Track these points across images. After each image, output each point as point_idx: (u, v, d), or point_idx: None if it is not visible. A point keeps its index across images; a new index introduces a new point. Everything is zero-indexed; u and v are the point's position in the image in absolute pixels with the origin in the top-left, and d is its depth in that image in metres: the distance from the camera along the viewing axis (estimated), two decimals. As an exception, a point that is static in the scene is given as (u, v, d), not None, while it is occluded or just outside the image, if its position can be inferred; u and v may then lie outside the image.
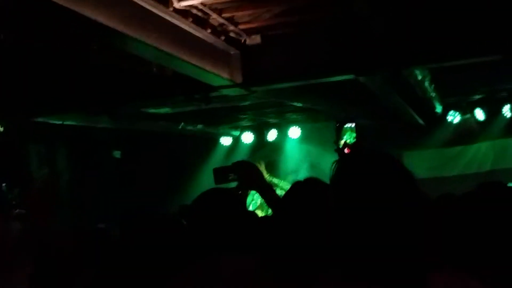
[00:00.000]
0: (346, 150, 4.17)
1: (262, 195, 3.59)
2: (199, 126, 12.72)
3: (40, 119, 9.54)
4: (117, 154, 12.68)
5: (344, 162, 2.09)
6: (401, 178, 2.00)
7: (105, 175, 11.83)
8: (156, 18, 5.86)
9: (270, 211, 3.73)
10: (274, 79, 7.79)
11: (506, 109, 12.52)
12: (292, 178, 11.83)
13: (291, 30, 7.28)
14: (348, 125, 8.64)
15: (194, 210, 3.14)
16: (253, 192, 9.32)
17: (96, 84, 8.34)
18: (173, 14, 6.00)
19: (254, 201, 9.43)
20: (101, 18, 5.03)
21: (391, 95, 8.95)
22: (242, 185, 3.66)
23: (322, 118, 12.53)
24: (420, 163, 12.71)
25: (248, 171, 3.62)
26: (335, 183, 2.04)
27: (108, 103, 9.12)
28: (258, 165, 7.45)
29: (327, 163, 2.24)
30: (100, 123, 10.38)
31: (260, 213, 8.43)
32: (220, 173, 3.66)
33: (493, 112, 12.80)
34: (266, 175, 8.11)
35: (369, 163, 2.04)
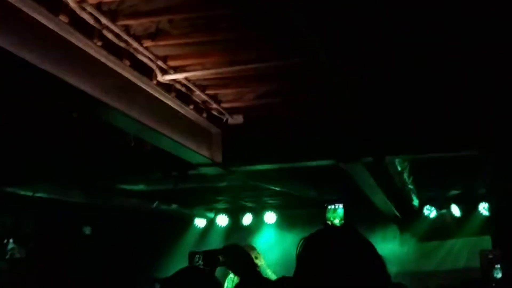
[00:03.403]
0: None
1: (247, 282, 3.52)
2: (174, 206, 12.53)
3: (9, 189, 9.29)
4: (87, 230, 12.41)
5: (311, 240, 2.02)
6: (367, 257, 1.94)
7: (74, 251, 11.53)
8: (139, 90, 5.80)
9: None
10: (254, 160, 7.72)
11: (482, 207, 12.54)
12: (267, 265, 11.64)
13: (274, 112, 7.26)
14: (332, 206, 8.70)
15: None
16: (231, 277, 9.11)
17: (71, 156, 8.18)
18: (157, 87, 5.95)
19: (232, 285, 9.18)
20: (85, 87, 4.95)
21: (371, 184, 8.90)
22: (231, 269, 3.64)
23: (299, 204, 12.42)
24: (395, 257, 12.57)
25: (237, 256, 3.58)
26: (301, 260, 1.98)
27: (82, 176, 8.95)
28: (250, 251, 7.27)
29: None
30: (72, 197, 10.15)
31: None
32: (210, 256, 3.64)
33: (469, 208, 12.83)
34: (259, 262, 7.98)
35: (335, 241, 1.98)
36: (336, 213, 8.46)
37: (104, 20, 4.70)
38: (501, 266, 9.71)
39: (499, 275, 9.89)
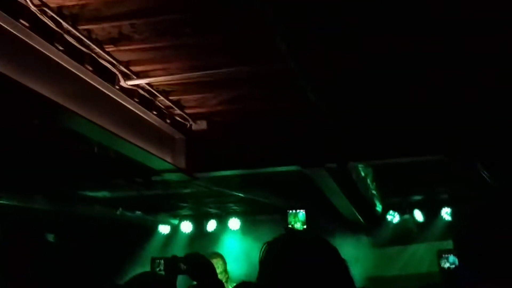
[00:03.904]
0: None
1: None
2: (138, 213, 12.43)
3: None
4: (50, 237, 12.25)
5: (273, 245, 2.02)
6: (331, 260, 1.94)
7: (37, 258, 11.36)
8: (102, 95, 5.74)
9: None
10: (217, 166, 7.70)
11: (444, 212, 12.68)
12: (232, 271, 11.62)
13: (237, 118, 7.26)
14: (294, 211, 8.74)
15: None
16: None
17: (34, 162, 8.06)
18: (119, 93, 5.90)
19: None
20: (46, 92, 4.88)
21: (335, 190, 8.93)
22: (192, 277, 3.61)
23: (263, 210, 12.42)
24: (359, 262, 12.63)
25: (199, 264, 3.55)
26: (264, 264, 1.97)
27: (45, 183, 8.83)
28: (215, 260, 7.24)
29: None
30: (36, 203, 10.00)
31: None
32: (172, 263, 3.61)
33: (432, 214, 12.97)
34: (221, 271, 7.95)
35: (298, 245, 1.97)
36: (297, 218, 8.46)
37: (65, 24, 4.65)
38: (449, 258, 9.95)
39: (446, 265, 10.11)
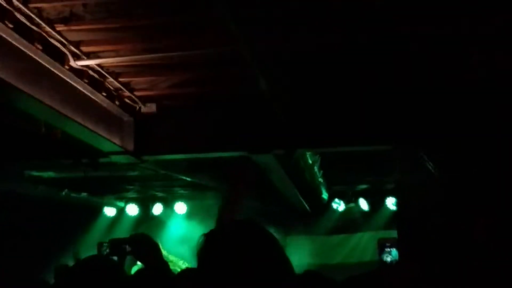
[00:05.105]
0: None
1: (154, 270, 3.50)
2: (83, 194, 12.31)
3: None
4: (-11, 217, 12.02)
5: (210, 236, 2.04)
6: (267, 248, 1.98)
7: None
8: (50, 75, 5.66)
9: None
10: (166, 150, 7.69)
11: (389, 201, 12.86)
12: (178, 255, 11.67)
13: (187, 102, 7.25)
14: None
15: (75, 275, 3.09)
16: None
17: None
18: (69, 73, 5.83)
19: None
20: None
21: (282, 177, 9.00)
22: (137, 258, 3.58)
23: (209, 194, 12.43)
24: (303, 249, 12.78)
25: (144, 245, 3.52)
26: (201, 257, 2.00)
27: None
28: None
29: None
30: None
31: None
32: (116, 245, 3.58)
33: (377, 203, 13.16)
34: (163, 252, 7.95)
35: (234, 236, 2.00)
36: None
37: (15, 2, 4.57)
38: (391, 252, 10.19)
39: (389, 259, 10.37)
